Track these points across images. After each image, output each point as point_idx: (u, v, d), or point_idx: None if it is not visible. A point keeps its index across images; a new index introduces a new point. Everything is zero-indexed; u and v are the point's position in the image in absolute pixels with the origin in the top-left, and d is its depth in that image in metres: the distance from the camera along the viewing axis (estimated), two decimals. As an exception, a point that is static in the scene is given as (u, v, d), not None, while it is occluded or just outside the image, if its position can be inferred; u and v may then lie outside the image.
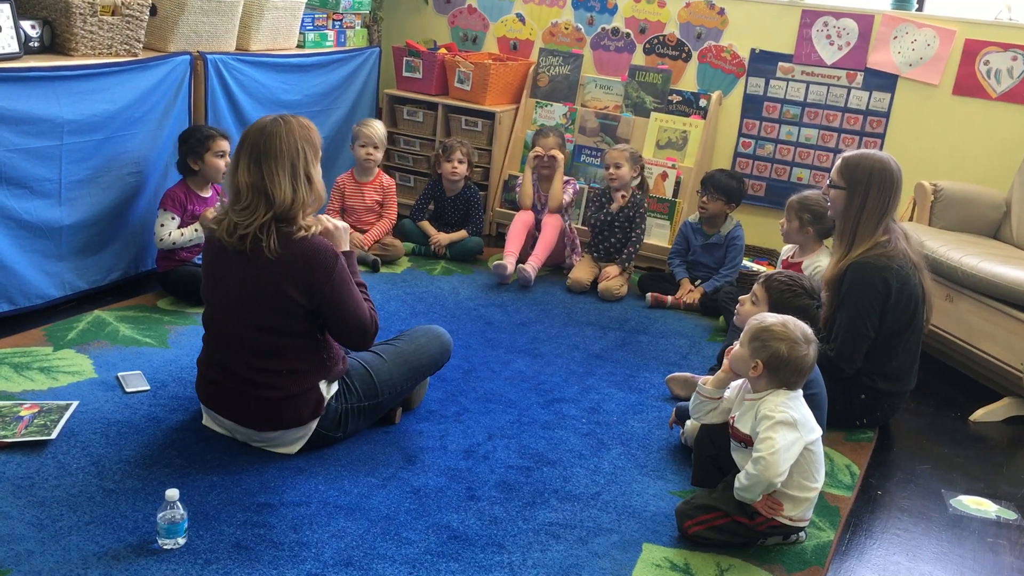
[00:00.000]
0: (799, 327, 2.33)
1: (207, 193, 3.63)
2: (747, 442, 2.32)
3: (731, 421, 2.40)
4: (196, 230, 3.53)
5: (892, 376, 3.03)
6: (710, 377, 2.51)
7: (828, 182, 3.14)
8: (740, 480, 2.28)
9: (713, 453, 2.52)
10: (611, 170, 4.16)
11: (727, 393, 2.47)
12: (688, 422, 2.83)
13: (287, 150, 2.40)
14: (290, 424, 2.51)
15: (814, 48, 4.54)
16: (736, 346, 2.40)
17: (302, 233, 2.41)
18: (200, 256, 3.62)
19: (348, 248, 2.60)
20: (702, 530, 2.34)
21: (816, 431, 2.32)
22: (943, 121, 4.36)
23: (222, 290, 2.47)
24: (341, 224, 2.62)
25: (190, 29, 3.73)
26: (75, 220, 3.38)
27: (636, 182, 4.25)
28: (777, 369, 2.30)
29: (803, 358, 2.30)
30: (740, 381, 2.44)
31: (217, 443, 2.58)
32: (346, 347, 2.62)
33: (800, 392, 2.35)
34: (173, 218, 3.52)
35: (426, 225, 4.54)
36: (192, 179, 3.59)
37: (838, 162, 3.10)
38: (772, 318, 2.36)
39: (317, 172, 2.49)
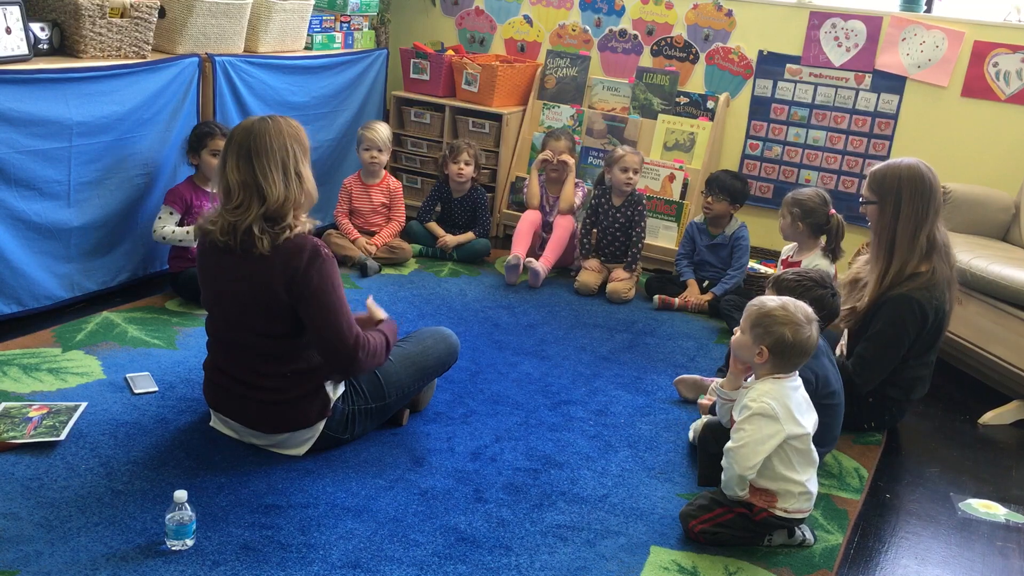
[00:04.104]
0: (800, 308, 2.33)
1: (215, 188, 3.62)
2: None
3: (731, 415, 2.41)
4: (188, 232, 3.52)
5: (902, 385, 3.03)
6: (724, 380, 2.51)
7: (860, 199, 3.09)
8: (723, 476, 2.32)
9: (716, 450, 2.51)
10: (631, 174, 4.17)
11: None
12: (694, 423, 2.83)
13: (277, 148, 2.39)
14: (297, 426, 2.51)
15: (822, 50, 4.53)
16: (737, 333, 2.40)
17: (287, 234, 2.39)
18: None
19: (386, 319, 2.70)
20: (708, 527, 2.34)
21: (804, 427, 2.29)
22: (952, 123, 4.35)
23: (221, 298, 2.47)
24: (389, 320, 2.71)
25: (198, 31, 3.74)
26: (84, 222, 3.39)
27: None
28: (782, 353, 2.29)
29: (807, 340, 2.30)
30: None
31: (225, 445, 2.59)
32: (331, 366, 2.49)
33: (795, 380, 2.34)
34: (171, 213, 3.53)
35: (434, 226, 4.54)
36: (198, 176, 3.61)
37: (867, 177, 3.04)
38: (772, 302, 2.35)
39: (307, 171, 2.48)
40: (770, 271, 4.17)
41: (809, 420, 2.33)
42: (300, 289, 2.36)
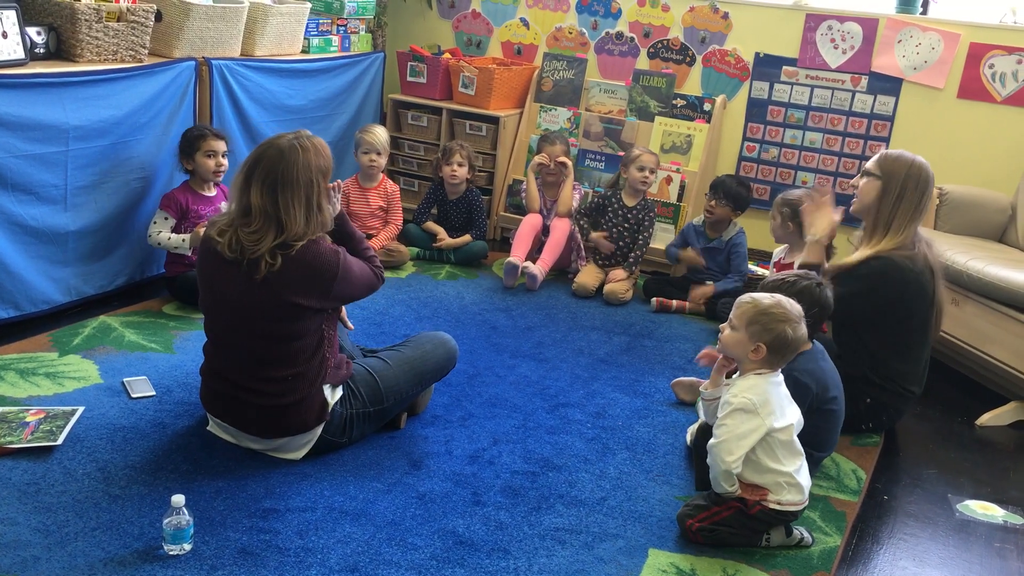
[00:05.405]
0: (792, 305, 2.37)
1: (211, 192, 3.63)
2: None
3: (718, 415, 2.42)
4: (184, 240, 3.50)
5: (897, 380, 3.03)
6: (707, 381, 2.53)
7: (861, 171, 3.11)
8: (710, 473, 2.34)
9: None
10: (647, 174, 4.18)
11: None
12: (691, 427, 2.83)
13: (304, 183, 2.39)
14: (296, 430, 2.51)
15: (818, 52, 4.54)
16: (727, 330, 2.40)
17: (300, 244, 2.39)
18: None
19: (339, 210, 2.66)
20: (706, 524, 2.35)
21: (786, 419, 2.31)
22: (948, 125, 4.36)
23: (222, 302, 2.46)
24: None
25: (195, 35, 3.73)
26: (81, 226, 3.38)
27: None
28: (779, 350, 2.32)
29: (803, 336, 2.36)
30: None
31: (223, 449, 2.59)
32: None
33: (777, 376, 2.36)
34: (166, 218, 3.52)
35: (432, 225, 4.54)
36: (192, 180, 3.60)
37: (876, 155, 3.09)
38: (766, 299, 2.37)
39: (326, 200, 2.50)
40: (768, 272, 4.17)
41: (791, 414, 2.35)
42: (334, 295, 2.48)
